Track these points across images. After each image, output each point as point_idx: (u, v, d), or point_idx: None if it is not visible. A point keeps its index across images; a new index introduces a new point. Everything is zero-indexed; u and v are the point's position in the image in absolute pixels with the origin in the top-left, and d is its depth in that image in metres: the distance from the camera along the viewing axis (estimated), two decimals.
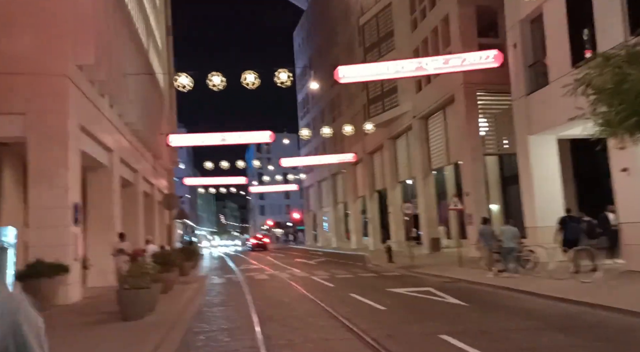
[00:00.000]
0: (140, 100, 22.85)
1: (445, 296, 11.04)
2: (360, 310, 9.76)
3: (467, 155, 22.81)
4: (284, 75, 18.94)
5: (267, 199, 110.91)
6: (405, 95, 29.59)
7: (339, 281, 15.84)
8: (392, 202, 33.62)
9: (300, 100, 66.06)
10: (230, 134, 29.47)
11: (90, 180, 18.20)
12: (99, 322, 9.63)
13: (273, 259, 32.33)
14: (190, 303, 12.21)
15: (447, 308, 9.58)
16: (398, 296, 11.63)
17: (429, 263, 20.06)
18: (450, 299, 10.68)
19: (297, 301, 11.68)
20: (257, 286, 15.69)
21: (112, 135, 18.44)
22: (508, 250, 13.68)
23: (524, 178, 17.82)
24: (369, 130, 29.52)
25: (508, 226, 14.39)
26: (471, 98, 22.75)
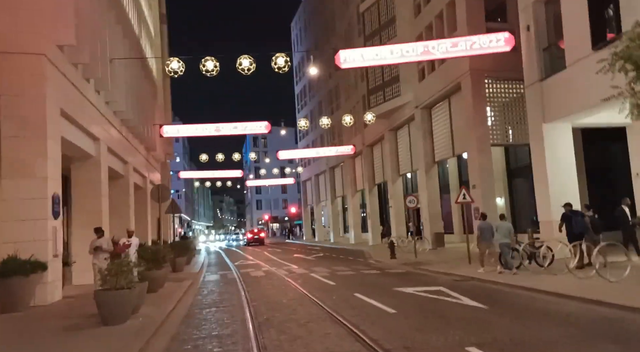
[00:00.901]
0: (131, 88, 21.69)
1: (460, 297, 10.01)
2: (367, 314, 8.72)
3: (474, 146, 21.75)
4: (281, 61, 17.81)
5: (264, 194, 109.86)
6: (408, 84, 28.48)
7: (341, 279, 14.81)
8: (393, 195, 32.60)
9: (297, 93, 64.84)
10: (224, 124, 28.37)
11: (76, 171, 17.10)
12: (75, 327, 8.57)
13: (270, 255, 31.30)
14: (180, 304, 11.16)
15: (466, 312, 8.54)
16: (407, 296, 10.59)
17: (434, 259, 19.05)
18: (466, 300, 9.65)
19: (297, 301, 10.64)
20: (253, 284, 14.65)
21: (99, 123, 17.30)
22: (502, 246, 13.35)
23: (537, 169, 16.79)
24: (369, 121, 28.42)
25: (502, 222, 13.95)
26: (478, 86, 21.66)
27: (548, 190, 16.24)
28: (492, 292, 10.76)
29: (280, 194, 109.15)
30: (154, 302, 11.05)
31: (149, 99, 28.12)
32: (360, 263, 21.08)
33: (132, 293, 8.78)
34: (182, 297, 12.15)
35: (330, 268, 18.83)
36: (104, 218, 17.37)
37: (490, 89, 22.04)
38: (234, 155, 40.41)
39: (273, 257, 28.69)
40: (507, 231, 13.47)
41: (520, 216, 24.14)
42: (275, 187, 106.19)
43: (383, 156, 35.22)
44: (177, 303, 11.17)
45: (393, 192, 32.63)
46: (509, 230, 13.54)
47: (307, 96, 58.66)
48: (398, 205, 32.44)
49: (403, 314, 8.45)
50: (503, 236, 13.42)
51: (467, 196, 16.67)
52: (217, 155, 40.16)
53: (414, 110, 27.99)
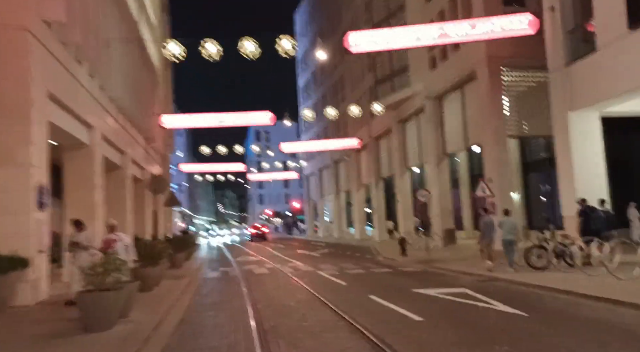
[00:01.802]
0: (128, 75, 20.53)
1: (491, 301, 8.89)
2: (389, 321, 7.60)
3: (489, 138, 20.59)
4: (286, 44, 16.64)
5: (266, 188, 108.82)
6: (418, 74, 27.28)
7: (351, 278, 13.69)
8: (401, 190, 31.45)
9: (301, 86, 63.61)
10: (227, 114, 27.26)
11: (68, 161, 16.00)
12: (51, 333, 7.48)
13: (273, 251, 30.22)
14: (176, 306, 10.05)
15: (505, 321, 7.41)
16: (430, 300, 9.46)
17: (448, 257, 17.92)
18: (498, 305, 8.52)
19: (306, 305, 9.53)
20: (256, 283, 13.55)
21: (93, 109, 16.17)
22: (508, 242, 12.91)
23: (562, 160, 15.64)
24: (377, 112, 27.26)
25: (507, 218, 13.45)
26: (495, 74, 20.46)
27: (573, 184, 15.10)
28: (525, 296, 9.63)
29: (283, 189, 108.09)
30: (147, 303, 9.96)
31: (148, 88, 26.96)
32: (368, 260, 19.98)
33: (120, 295, 7.68)
34: (179, 298, 11.05)
35: (338, 266, 17.73)
36: (99, 211, 16.28)
37: (507, 78, 20.83)
38: (235, 147, 39.27)
39: (276, 253, 27.61)
40: (512, 227, 12.96)
41: (535, 211, 23.01)
42: (277, 182, 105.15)
43: (390, 149, 34.04)
44: (173, 304, 10.06)
45: (400, 187, 31.48)
46: (514, 226, 13.02)
47: (311, 89, 57.44)
48: (406, 200, 31.31)
49: (431, 323, 7.33)
50: (507, 232, 12.92)
51: (487, 190, 15.52)
52: (219, 147, 39.06)
53: (424, 101, 26.79)
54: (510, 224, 13.10)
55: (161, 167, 34.28)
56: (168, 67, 39.85)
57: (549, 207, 21.89)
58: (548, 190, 23.09)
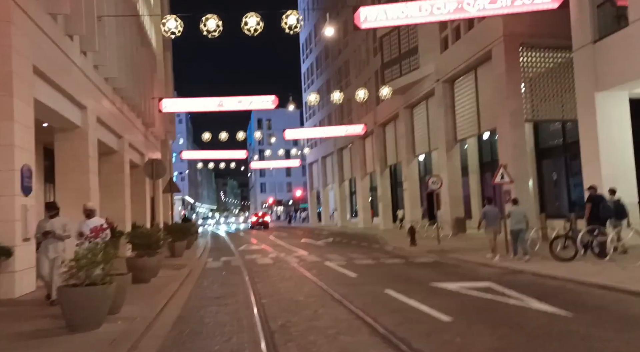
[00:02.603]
0: (125, 55, 19.50)
1: (523, 297, 7.97)
2: (414, 321, 6.69)
3: (506, 122, 19.56)
4: (292, 19, 15.59)
5: (268, 177, 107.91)
6: (428, 55, 26.16)
7: (362, 270, 12.80)
8: (408, 177, 30.49)
9: (304, 71, 62.39)
10: (228, 98, 26.29)
11: (60, 143, 15.07)
12: (34, 332, 6.62)
13: (276, 239, 29.38)
14: (174, 300, 9.17)
15: (546, 321, 6.48)
16: (454, 296, 8.55)
17: (461, 247, 17.00)
18: (532, 302, 7.60)
19: (317, 300, 8.63)
20: (260, 274, 12.67)
21: (86, 89, 15.20)
22: (517, 232, 12.56)
23: (587, 145, 14.65)
24: (385, 96, 26.19)
25: (516, 206, 13.03)
26: (512, 54, 19.36)
27: (600, 171, 14.11)
28: (558, 291, 8.71)
29: (285, 178, 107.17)
30: (142, 297, 9.08)
31: (147, 71, 25.93)
32: (377, 250, 19.10)
33: (108, 290, 6.78)
34: (177, 290, 10.18)
35: (346, 256, 16.85)
36: (93, 197, 15.37)
37: (525, 58, 19.74)
38: (238, 135, 38.30)
39: (279, 242, 26.76)
40: (522, 216, 12.56)
41: (549, 199, 22.07)
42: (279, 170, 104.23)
43: (397, 136, 33.02)
44: (170, 298, 9.18)
45: (408, 174, 30.52)
46: (524, 215, 12.61)
47: (315, 74, 56.24)
48: (413, 187, 30.38)
49: (463, 324, 6.41)
50: (517, 222, 12.54)
51: (506, 176, 14.55)
52: (221, 134, 38.05)
53: (434, 84, 25.72)
54: (520, 213, 12.66)
55: (161, 154, 33.36)
56: (168, 52, 38.73)
57: (564, 195, 20.97)
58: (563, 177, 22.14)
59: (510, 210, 13.03)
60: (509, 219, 12.97)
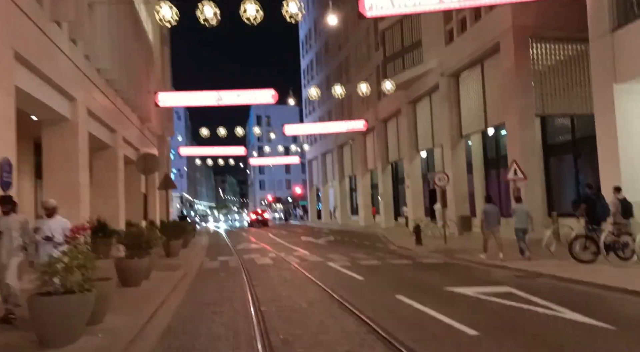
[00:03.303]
0: (119, 46, 18.68)
1: (551, 305, 7.20)
2: (437, 336, 5.91)
3: (514, 117, 18.77)
4: (293, 7, 14.74)
5: (267, 174, 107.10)
6: (431, 49, 25.35)
7: (367, 271, 12.02)
8: (410, 174, 29.70)
9: (303, 68, 61.51)
10: (227, 92, 25.46)
11: (48, 137, 14.28)
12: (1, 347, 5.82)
13: (275, 237, 28.61)
14: (164, 306, 8.38)
15: (587, 336, 5.69)
16: (473, 303, 7.77)
17: (469, 247, 16.22)
18: (564, 311, 6.83)
19: (322, 307, 7.85)
20: (260, 276, 11.88)
21: (77, 80, 14.39)
22: (519, 231, 12.38)
23: (605, 139, 13.85)
24: (388, 91, 25.36)
25: (520, 205, 12.81)
26: (522, 46, 18.57)
27: (619, 168, 13.31)
28: (588, 298, 7.94)
29: (284, 175, 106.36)
30: (129, 302, 8.30)
31: (142, 64, 25.11)
32: (381, 249, 18.33)
33: (87, 299, 5.98)
34: (168, 296, 9.39)
35: (349, 256, 16.08)
36: (83, 193, 14.60)
37: (535, 50, 18.97)
38: (236, 130, 37.48)
39: (279, 240, 25.99)
40: (525, 215, 12.39)
41: (558, 198, 21.31)
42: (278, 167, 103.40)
43: (399, 132, 32.22)
44: (161, 305, 8.39)
45: (410, 171, 29.73)
46: (527, 214, 12.44)
47: (314, 70, 55.37)
48: (416, 185, 29.60)
49: (492, 339, 5.62)
50: (519, 221, 12.38)
51: (519, 172, 13.79)
52: (219, 129, 37.25)
53: (438, 79, 24.91)
54: (524, 212, 12.46)
55: (158, 150, 32.53)
56: (166, 46, 37.86)
57: (572, 194, 20.23)
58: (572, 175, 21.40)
59: (514, 208, 12.72)
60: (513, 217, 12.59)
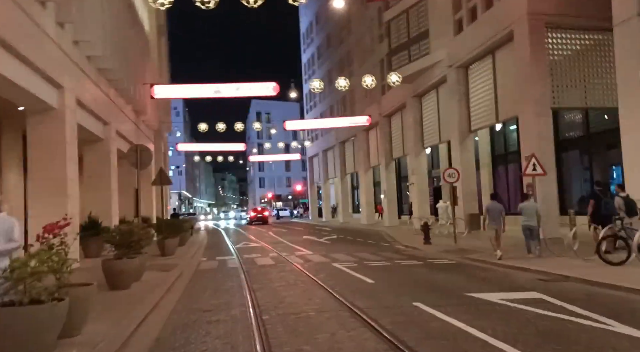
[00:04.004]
0: (112, 33, 17.68)
1: (593, 315, 6.28)
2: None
3: (530, 110, 17.81)
4: None
5: (267, 171, 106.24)
6: (439, 40, 24.40)
7: (378, 273, 11.10)
8: (416, 170, 28.77)
9: (305, 62, 60.51)
10: (225, 85, 24.51)
11: (34, 127, 13.34)
12: None
13: (275, 235, 27.71)
14: (154, 314, 7.46)
15: None
16: (504, 312, 6.84)
17: (480, 246, 15.23)
18: (613, 324, 5.90)
19: (332, 316, 6.92)
20: (260, 279, 10.97)
21: (64, 66, 13.45)
22: (527, 229, 12.14)
23: (629, 133, 12.93)
24: (393, 83, 24.44)
25: (529, 202, 12.58)
26: (537, 34, 17.62)
27: None
28: (631, 306, 7.02)
29: (284, 172, 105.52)
30: (115, 309, 7.38)
31: (137, 54, 24.11)
32: (386, 249, 17.43)
33: (57, 309, 5.05)
34: (160, 301, 8.47)
35: (354, 255, 15.18)
36: (71, 187, 13.67)
37: (551, 39, 18.04)
38: (236, 125, 36.55)
39: (279, 238, 25.09)
40: (533, 212, 12.11)
41: (570, 197, 20.46)
42: (278, 164, 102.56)
43: (404, 127, 31.30)
44: (150, 312, 7.47)
45: (416, 167, 28.80)
46: (536, 211, 12.15)
47: (316, 65, 54.37)
48: (422, 181, 28.69)
49: None
50: (528, 218, 12.08)
51: (537, 167, 12.87)
52: (218, 124, 36.31)
53: (446, 71, 23.97)
54: (532, 209, 12.18)
55: (155, 145, 31.59)
56: (163, 37, 36.87)
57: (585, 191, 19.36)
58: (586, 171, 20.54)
59: (522, 206, 12.39)
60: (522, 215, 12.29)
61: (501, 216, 12.59)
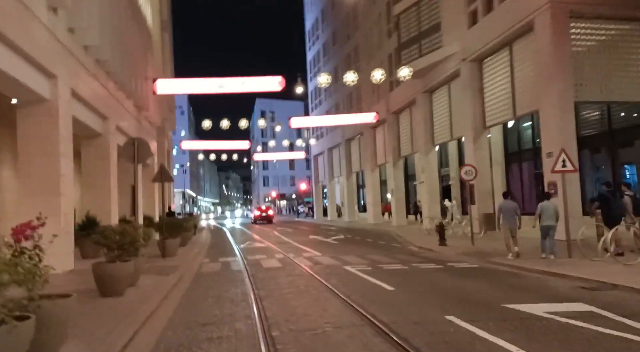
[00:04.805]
0: (111, 23, 16.76)
1: None
2: None
3: (552, 104, 16.81)
4: None
5: (271, 170, 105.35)
6: (452, 33, 23.40)
7: (395, 278, 10.14)
8: (426, 168, 27.77)
9: (310, 60, 59.54)
10: (230, 79, 23.58)
11: (24, 120, 12.44)
12: None
13: (281, 235, 26.78)
14: (145, 329, 6.51)
15: None
16: (555, 329, 5.87)
17: (500, 249, 14.16)
18: None
19: (353, 334, 5.96)
20: (267, 284, 10.02)
21: (58, 55, 12.53)
22: (547, 228, 11.75)
23: None
24: (404, 78, 23.47)
25: (548, 201, 12.11)
26: (560, 24, 16.62)
27: None
28: None
29: (288, 171, 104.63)
30: (102, 322, 6.44)
31: (139, 47, 23.23)
32: (399, 250, 16.47)
33: (19, 332, 4.11)
34: (155, 311, 7.52)
35: (366, 257, 14.23)
36: (65, 184, 12.75)
37: (575, 29, 17.03)
38: (240, 123, 35.61)
39: (285, 238, 24.15)
40: (552, 212, 11.78)
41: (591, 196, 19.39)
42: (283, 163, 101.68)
43: (413, 124, 30.30)
44: (142, 325, 6.53)
45: (426, 165, 27.80)
46: (556, 211, 11.79)
47: (321, 62, 53.40)
48: (432, 180, 27.70)
49: None
50: (547, 218, 11.73)
51: (567, 163, 11.87)
52: (222, 122, 35.39)
53: (459, 65, 22.97)
54: (552, 209, 11.82)
55: (158, 143, 30.71)
56: (167, 33, 36.00)
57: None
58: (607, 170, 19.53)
59: (542, 205, 11.96)
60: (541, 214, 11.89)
61: (516, 215, 12.39)
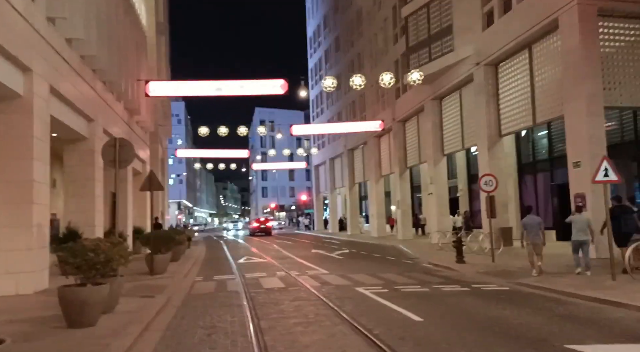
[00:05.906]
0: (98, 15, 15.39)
1: None
2: None
3: (579, 109, 15.40)
4: None
5: (270, 181, 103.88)
6: (465, 35, 22.09)
7: (419, 305, 8.62)
8: (435, 179, 26.32)
9: (311, 67, 58.35)
10: (228, 82, 22.21)
11: None
12: None
13: (281, 249, 25.24)
14: None
15: None
16: None
17: (525, 266, 12.67)
18: None
19: None
20: (270, 312, 8.49)
21: (34, 46, 11.12)
22: (579, 243, 11.37)
23: None
24: (414, 82, 22.09)
25: (579, 215, 11.68)
26: (588, 23, 15.28)
27: None
28: None
29: (288, 182, 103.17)
30: None
31: (131, 47, 21.89)
32: (411, 267, 14.96)
33: None
34: (130, 348, 6.01)
35: (378, 276, 12.72)
36: (39, 192, 11.26)
37: (603, 29, 15.71)
38: (239, 129, 34.18)
39: (286, 252, 22.62)
40: (585, 226, 11.36)
41: None
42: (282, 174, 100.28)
43: (420, 132, 28.91)
44: None
45: (435, 176, 26.35)
46: (588, 225, 11.38)
47: (323, 69, 52.18)
48: (441, 191, 26.23)
49: None
50: (579, 231, 11.29)
51: (610, 172, 10.43)
52: (220, 128, 33.96)
53: (472, 69, 21.64)
54: (582, 223, 11.39)
55: (151, 150, 29.30)
56: (163, 36, 34.73)
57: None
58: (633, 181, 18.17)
59: (572, 219, 11.55)
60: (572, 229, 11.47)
61: (540, 230, 11.82)
